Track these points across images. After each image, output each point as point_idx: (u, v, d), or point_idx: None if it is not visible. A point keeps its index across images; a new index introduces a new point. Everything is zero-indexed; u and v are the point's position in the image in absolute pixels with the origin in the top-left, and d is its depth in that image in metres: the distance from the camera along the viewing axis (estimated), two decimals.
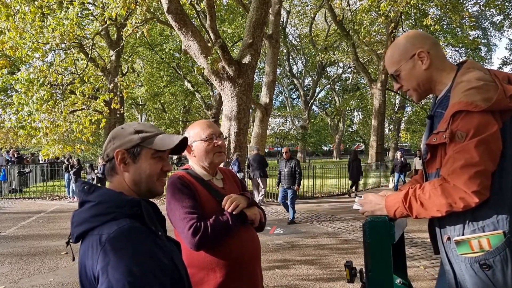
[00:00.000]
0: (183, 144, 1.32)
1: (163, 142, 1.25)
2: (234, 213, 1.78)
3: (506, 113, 1.41)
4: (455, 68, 1.58)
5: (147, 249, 1.05)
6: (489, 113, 1.37)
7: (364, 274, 1.55)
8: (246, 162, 12.35)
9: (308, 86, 40.33)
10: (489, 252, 1.37)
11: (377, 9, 17.28)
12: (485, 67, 1.59)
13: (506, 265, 1.35)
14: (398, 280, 1.73)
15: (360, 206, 1.63)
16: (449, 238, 1.46)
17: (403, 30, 21.33)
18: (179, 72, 24.20)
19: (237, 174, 10.90)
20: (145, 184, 1.22)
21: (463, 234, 1.42)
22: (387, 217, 1.51)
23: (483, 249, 1.38)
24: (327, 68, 39.01)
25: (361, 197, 1.67)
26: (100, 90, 14.35)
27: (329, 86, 41.60)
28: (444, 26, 24.99)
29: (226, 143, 8.86)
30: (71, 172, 12.90)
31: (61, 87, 12.39)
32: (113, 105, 13.28)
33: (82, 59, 17.59)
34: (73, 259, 1.22)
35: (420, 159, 11.13)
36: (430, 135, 1.50)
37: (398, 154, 14.74)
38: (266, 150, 23.05)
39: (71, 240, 1.15)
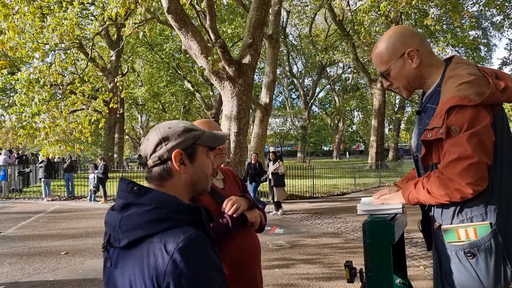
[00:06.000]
0: None
1: (215, 139, 1.22)
2: (234, 215, 1.75)
3: (496, 107, 1.45)
4: (444, 64, 1.59)
5: (213, 259, 1.02)
6: (481, 107, 1.40)
7: (364, 274, 1.55)
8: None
9: (308, 86, 40.35)
10: (475, 241, 1.41)
11: (377, 9, 17.25)
12: (475, 64, 1.60)
13: (490, 255, 1.39)
14: (398, 280, 1.73)
15: (363, 212, 1.64)
16: (439, 226, 1.50)
17: None
18: (179, 72, 24.20)
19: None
20: (202, 183, 1.19)
21: (451, 223, 1.46)
22: (387, 217, 1.51)
23: (469, 238, 1.42)
24: (327, 68, 39.04)
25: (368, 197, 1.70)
26: (100, 90, 14.37)
27: (329, 86, 41.61)
28: (444, 26, 24.95)
29: (227, 143, 8.82)
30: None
31: (61, 87, 12.39)
32: (111, 105, 13.30)
33: (82, 59, 17.61)
34: (111, 265, 1.08)
35: (273, 164, 10.92)
36: (422, 130, 1.52)
37: (253, 156, 10.52)
38: (266, 151, 23.04)
39: (118, 244, 1.05)
